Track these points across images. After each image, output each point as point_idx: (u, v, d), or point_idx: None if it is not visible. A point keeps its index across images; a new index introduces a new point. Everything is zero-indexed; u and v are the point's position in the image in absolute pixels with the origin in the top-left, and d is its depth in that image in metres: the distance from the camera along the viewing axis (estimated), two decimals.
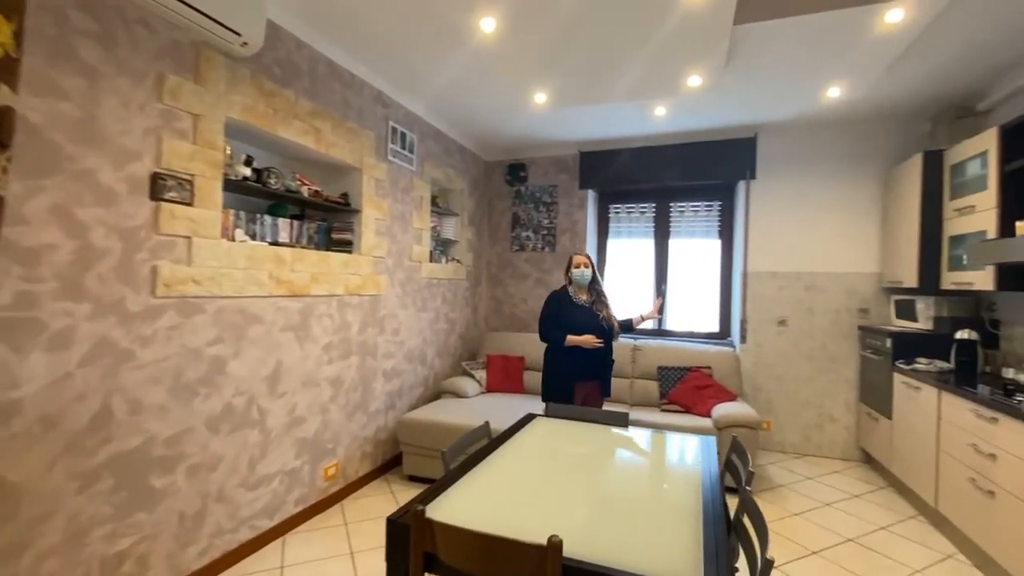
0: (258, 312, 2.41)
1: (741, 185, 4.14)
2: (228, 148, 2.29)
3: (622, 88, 2.84)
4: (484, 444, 2.02)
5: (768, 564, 1.09)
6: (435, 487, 1.54)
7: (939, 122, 3.37)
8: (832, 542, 2.60)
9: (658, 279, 4.55)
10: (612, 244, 4.74)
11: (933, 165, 3.14)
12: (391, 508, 2.91)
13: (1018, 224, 2.28)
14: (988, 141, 2.66)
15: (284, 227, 2.64)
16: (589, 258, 2.99)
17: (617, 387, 3.92)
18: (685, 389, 3.66)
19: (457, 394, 3.85)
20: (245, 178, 2.38)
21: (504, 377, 4.17)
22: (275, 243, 2.56)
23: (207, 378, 2.18)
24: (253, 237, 2.46)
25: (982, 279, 2.70)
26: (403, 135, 3.52)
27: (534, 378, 4.19)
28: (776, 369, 3.99)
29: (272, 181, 2.51)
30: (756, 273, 4.05)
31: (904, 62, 2.76)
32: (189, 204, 2.07)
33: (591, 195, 4.64)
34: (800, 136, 3.90)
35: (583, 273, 2.93)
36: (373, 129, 3.21)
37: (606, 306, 2.96)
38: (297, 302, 2.64)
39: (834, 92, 3.05)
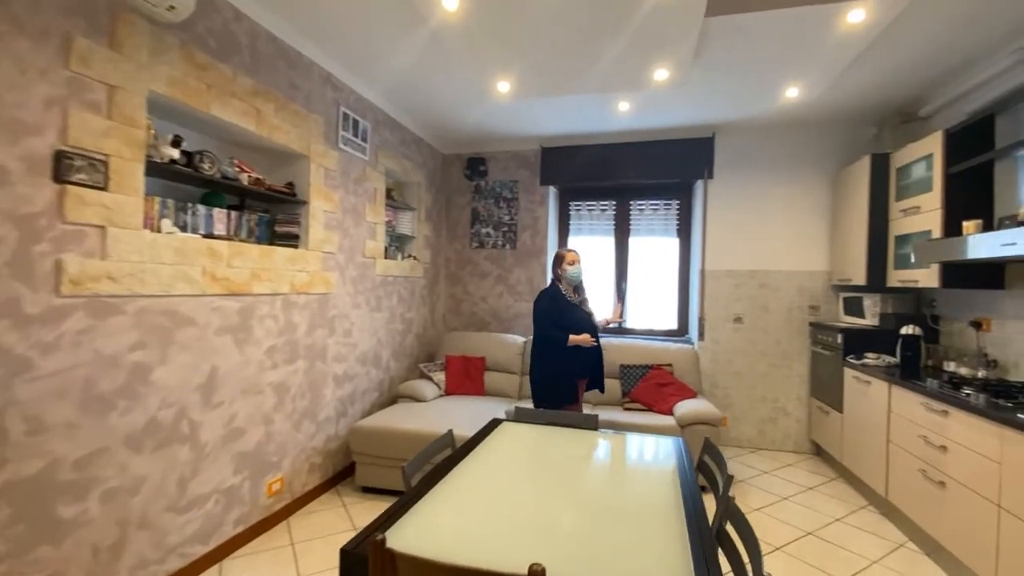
0: (189, 313, 2.14)
1: (699, 184, 4.17)
2: (152, 126, 2.01)
3: (589, 79, 2.76)
4: (448, 455, 1.86)
5: None
6: (396, 508, 1.37)
7: (885, 126, 3.51)
8: (793, 536, 2.62)
9: (619, 277, 4.54)
10: (573, 241, 4.67)
11: (880, 167, 3.27)
12: (342, 524, 2.70)
13: (965, 224, 2.38)
14: (933, 144, 2.77)
15: (220, 218, 2.37)
16: (579, 255, 2.89)
17: None
18: (647, 387, 3.65)
19: (414, 398, 3.65)
20: (173, 161, 2.10)
21: (464, 379, 4.01)
22: (210, 236, 2.29)
23: (126, 389, 1.90)
24: (184, 228, 2.19)
25: (927, 277, 2.81)
26: (355, 122, 3.29)
27: (496, 379, 4.07)
28: (732, 365, 4.06)
29: (206, 166, 2.24)
30: (713, 271, 4.10)
31: (854, 68, 2.83)
32: (103, 188, 1.79)
33: (552, 192, 4.56)
34: (755, 137, 3.98)
35: (577, 270, 2.82)
36: (322, 114, 2.97)
37: (588, 304, 2.92)
38: (236, 301, 2.38)
39: (792, 92, 3.10)
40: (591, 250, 4.62)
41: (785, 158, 3.95)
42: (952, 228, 2.62)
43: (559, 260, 2.85)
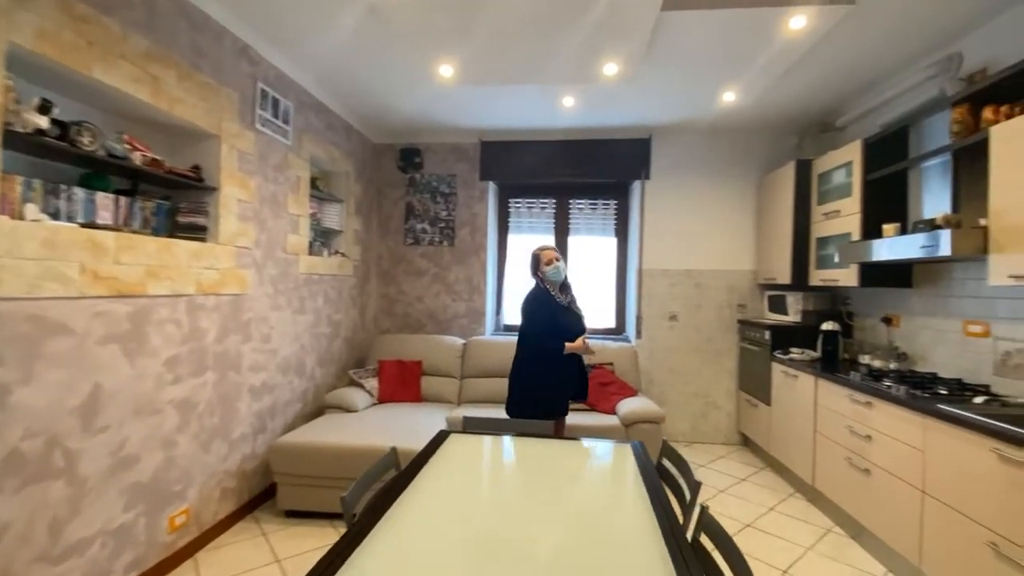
0: (62, 319, 1.74)
1: (636, 185, 4.22)
2: (13, 88, 1.61)
3: (538, 69, 2.64)
4: (393, 477, 1.65)
5: None
6: (337, 550, 1.15)
7: (805, 135, 3.74)
8: (734, 529, 2.68)
9: None
10: (513, 239, 4.56)
11: (803, 173, 3.46)
12: (262, 556, 2.38)
13: (885, 227, 2.54)
14: (853, 153, 2.96)
15: (106, 204, 1.97)
16: (558, 251, 2.64)
17: None
18: (590, 387, 3.60)
19: (344, 408, 3.34)
20: (40, 132, 1.69)
21: (400, 385, 3.75)
22: (92, 225, 1.88)
23: None
24: (56, 216, 1.78)
25: (847, 276, 3.01)
26: (276, 101, 2.93)
27: (434, 384, 3.85)
28: (668, 362, 4.15)
29: (85, 140, 1.84)
30: (650, 270, 4.17)
31: (781, 79, 2.97)
32: None
33: (492, 188, 4.41)
34: (689, 140, 4.09)
35: (558, 268, 2.54)
36: (236, 88, 2.60)
37: (576, 301, 2.70)
38: (126, 304, 1.98)
39: (729, 96, 3.19)
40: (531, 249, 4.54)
41: (716, 162, 4.10)
42: (870, 231, 2.81)
43: (536, 261, 2.61)
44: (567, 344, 2.45)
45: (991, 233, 2.02)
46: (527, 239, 4.54)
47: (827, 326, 3.26)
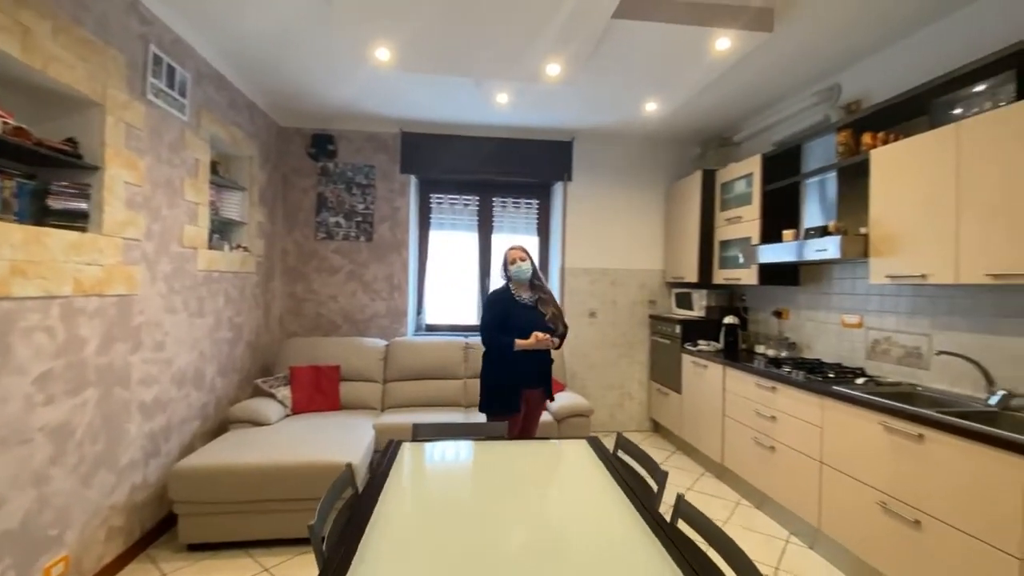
0: None
1: (559, 185, 4.34)
2: None
3: (483, 62, 2.57)
4: (352, 496, 1.51)
5: None
6: None
7: (707, 146, 4.12)
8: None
9: (482, 274, 4.45)
10: (435, 236, 4.42)
11: (709, 182, 3.82)
12: None
13: (785, 233, 2.90)
14: (753, 166, 3.33)
15: None
16: (526, 251, 2.61)
17: (446, 389, 3.68)
18: None
19: (254, 422, 2.98)
20: None
21: (316, 393, 3.45)
22: None
23: None
24: None
25: (748, 275, 3.38)
26: (171, 70, 2.51)
27: (354, 391, 3.60)
28: (588, 357, 4.33)
29: None
30: (572, 269, 4.31)
31: (697, 95, 3.24)
32: None
33: (413, 181, 4.23)
34: (608, 145, 4.30)
35: (521, 268, 2.56)
36: (125, 51, 2.18)
37: (552, 303, 2.62)
38: None
39: (652, 106, 3.40)
40: (454, 246, 4.45)
41: (630, 167, 4.36)
42: (768, 236, 3.19)
43: (504, 262, 2.62)
44: (518, 341, 2.44)
45: (871, 240, 2.40)
46: (449, 236, 4.45)
47: (728, 320, 3.63)
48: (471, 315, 4.44)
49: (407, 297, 4.18)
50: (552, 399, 2.70)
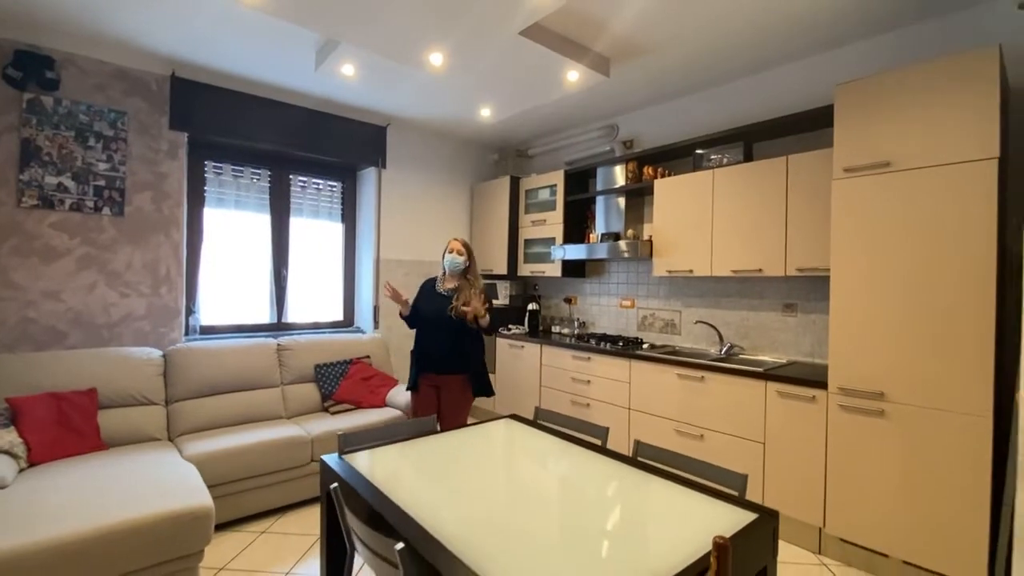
0: None
1: (372, 171, 4.12)
2: None
3: (372, 26, 2.27)
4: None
5: None
6: None
7: (505, 156, 4.67)
8: None
9: (277, 263, 3.82)
10: (211, 213, 3.54)
11: (515, 188, 4.37)
12: None
13: (591, 236, 3.66)
14: (557, 178, 4.02)
15: None
16: (466, 245, 2.65)
17: (261, 400, 3.11)
18: (351, 384, 3.36)
19: None
20: None
21: (63, 431, 2.37)
22: None
23: None
24: None
25: (552, 269, 4.07)
26: None
27: (122, 420, 2.69)
28: (405, 350, 4.28)
29: None
30: (386, 260, 4.18)
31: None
32: None
33: (185, 143, 3.28)
34: (421, 137, 4.34)
35: (452, 260, 2.66)
36: None
37: (476, 296, 2.57)
38: None
39: (485, 112, 3.65)
40: (238, 228, 3.67)
41: (441, 163, 4.52)
42: (569, 237, 3.93)
43: (444, 250, 2.74)
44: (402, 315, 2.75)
45: (654, 244, 3.34)
46: (233, 216, 3.64)
47: (532, 306, 4.28)
48: (263, 314, 3.76)
49: (181, 293, 3.25)
50: (488, 393, 2.74)
